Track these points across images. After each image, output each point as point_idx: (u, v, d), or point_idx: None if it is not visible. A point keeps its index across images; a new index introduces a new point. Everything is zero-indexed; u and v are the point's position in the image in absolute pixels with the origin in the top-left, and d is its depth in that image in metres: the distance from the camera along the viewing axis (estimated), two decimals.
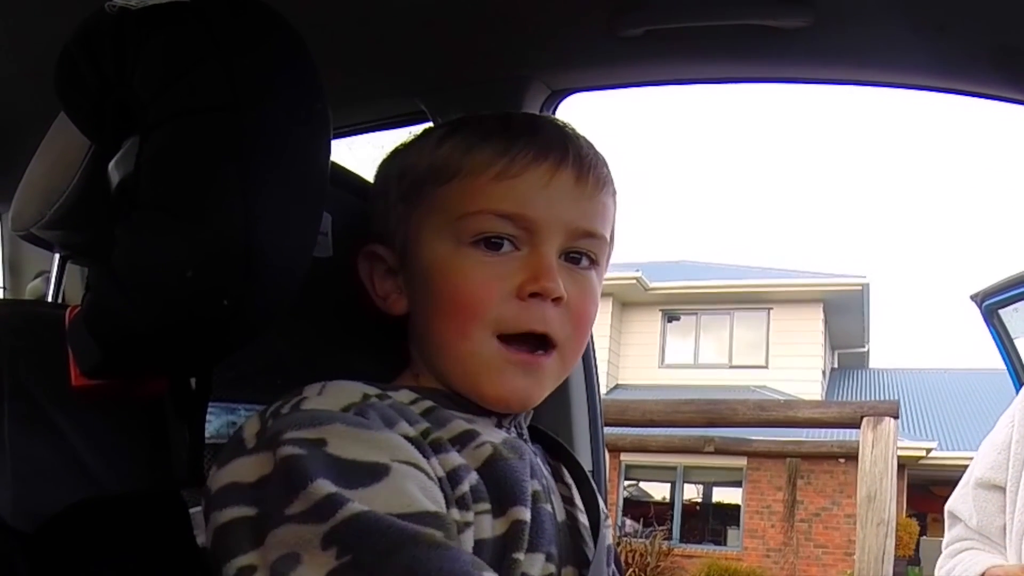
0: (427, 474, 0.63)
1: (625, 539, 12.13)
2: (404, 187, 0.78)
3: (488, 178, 0.74)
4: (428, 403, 0.72)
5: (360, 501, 0.58)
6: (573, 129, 0.80)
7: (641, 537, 12.63)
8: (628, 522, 13.44)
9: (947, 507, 1.63)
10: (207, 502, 0.64)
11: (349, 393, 0.67)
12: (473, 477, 0.67)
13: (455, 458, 0.67)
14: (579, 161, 0.76)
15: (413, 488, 0.61)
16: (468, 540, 0.64)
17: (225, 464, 0.64)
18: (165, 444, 0.76)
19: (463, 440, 0.70)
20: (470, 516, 0.65)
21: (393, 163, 0.81)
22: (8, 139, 1.26)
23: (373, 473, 0.60)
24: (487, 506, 0.67)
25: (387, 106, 1.05)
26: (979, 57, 1.05)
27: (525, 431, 0.80)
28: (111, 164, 0.72)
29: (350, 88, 1.19)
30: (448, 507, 0.64)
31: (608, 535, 0.80)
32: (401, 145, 0.82)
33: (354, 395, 0.67)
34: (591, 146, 0.79)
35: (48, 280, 1.34)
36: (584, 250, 0.78)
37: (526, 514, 0.68)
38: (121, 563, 0.71)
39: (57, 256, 1.25)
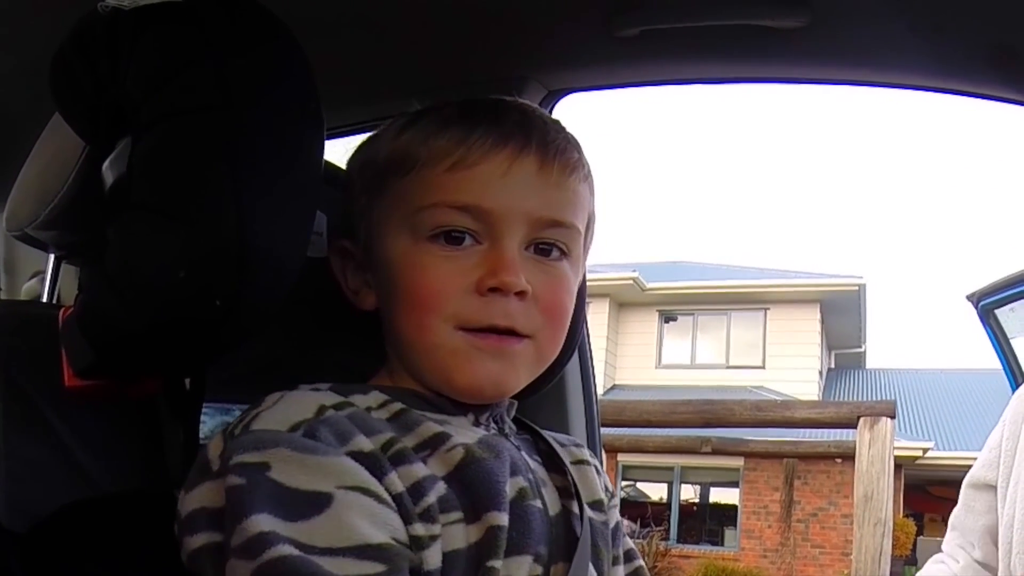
0: (377, 497, 0.61)
1: None
2: (366, 179, 0.76)
3: (443, 169, 0.71)
4: (398, 405, 0.70)
5: (299, 535, 0.58)
6: (541, 114, 0.77)
7: (638, 538, 12.62)
8: (625, 522, 13.35)
9: (950, 520, 1.64)
10: (178, 524, 0.65)
11: (303, 407, 0.65)
12: (440, 487, 0.65)
13: (419, 469, 0.65)
14: (543, 147, 0.73)
15: (356, 519, 0.59)
16: (435, 554, 0.63)
17: (192, 488, 0.64)
18: (159, 444, 0.76)
19: (433, 444, 0.68)
20: (437, 529, 0.64)
21: (358, 155, 0.79)
22: (3, 140, 1.26)
23: (315, 504, 0.59)
24: (459, 514, 0.65)
25: (383, 106, 1.05)
26: (976, 57, 1.05)
27: (508, 425, 0.77)
28: (105, 165, 0.72)
29: (346, 88, 1.18)
30: (410, 522, 0.62)
31: (610, 519, 0.80)
32: (360, 143, 0.80)
33: (308, 409, 0.64)
34: (560, 131, 0.76)
35: (43, 280, 1.34)
36: (552, 240, 0.74)
37: (502, 519, 0.66)
38: (115, 563, 0.71)
39: (52, 256, 1.25)
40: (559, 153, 0.74)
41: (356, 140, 0.81)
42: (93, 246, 0.71)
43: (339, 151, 0.84)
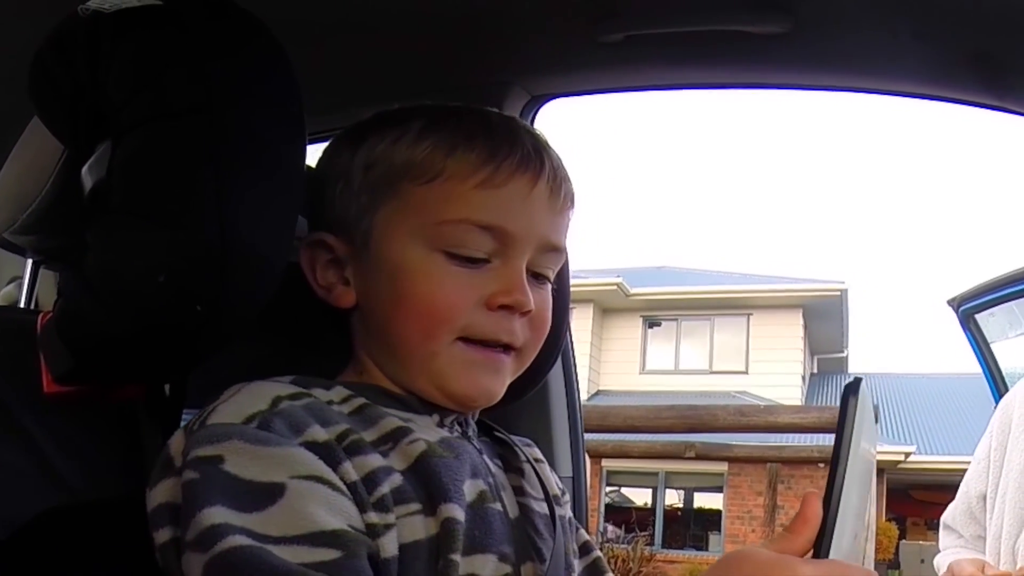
0: (331, 485, 0.62)
1: (607, 545, 12.12)
2: (372, 179, 0.74)
3: (471, 185, 0.72)
4: (360, 400, 0.71)
5: (253, 525, 0.59)
6: (545, 139, 0.79)
7: (623, 543, 12.62)
8: (610, 528, 13.43)
9: (942, 518, 1.66)
10: (149, 519, 0.65)
11: (259, 398, 0.65)
12: (396, 479, 0.66)
13: (374, 460, 0.66)
14: (554, 174, 0.76)
15: (311, 506, 0.60)
16: (390, 541, 0.64)
17: (155, 484, 0.65)
18: (139, 451, 0.75)
19: (394, 437, 0.69)
20: (391, 518, 0.64)
21: (356, 151, 0.76)
22: None
23: (269, 494, 0.60)
24: (417, 506, 0.66)
25: (365, 111, 1.04)
26: (955, 63, 1.06)
27: (472, 428, 0.78)
28: (84, 169, 0.72)
29: (329, 93, 1.18)
30: (364, 511, 0.63)
31: (565, 513, 0.81)
32: (357, 131, 0.78)
33: (263, 401, 0.65)
34: (560, 159, 0.78)
35: (21, 286, 1.33)
36: (549, 266, 0.77)
37: (458, 512, 0.67)
38: (95, 570, 0.70)
39: (30, 261, 1.24)
40: (564, 181, 0.77)
41: None
42: (72, 251, 0.71)
43: (320, 156, 0.83)
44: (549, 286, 0.79)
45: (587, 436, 1.37)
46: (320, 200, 0.77)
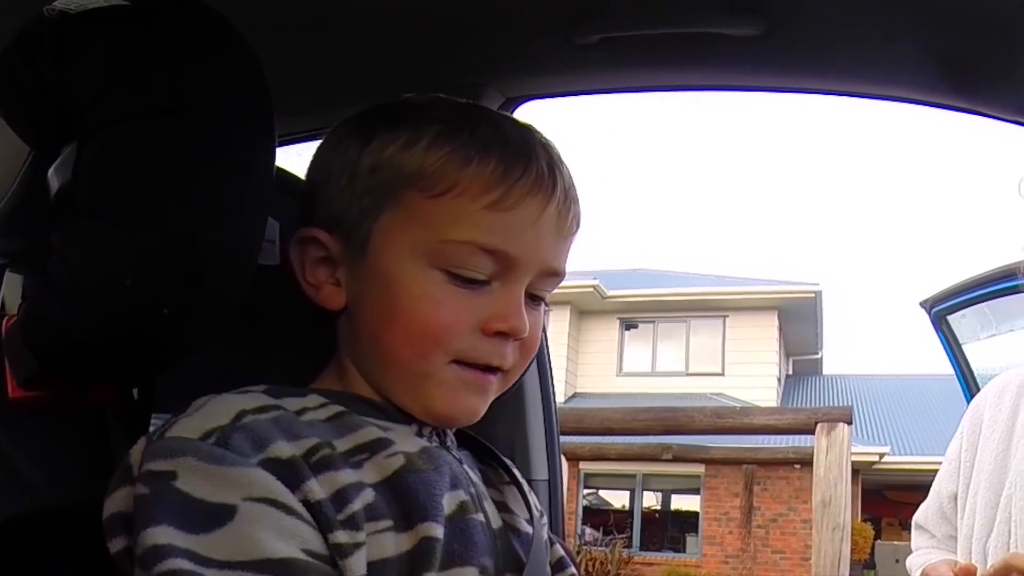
0: (286, 508, 0.60)
1: (585, 548, 12.15)
2: (377, 182, 0.71)
3: (481, 205, 0.69)
4: (337, 408, 0.69)
5: (197, 547, 0.57)
6: (559, 153, 0.75)
7: (601, 545, 12.66)
8: (588, 530, 13.46)
9: (914, 519, 1.67)
10: (104, 527, 0.64)
11: (222, 412, 0.63)
12: (368, 494, 0.64)
13: (345, 476, 0.63)
14: (564, 196, 0.73)
15: (260, 531, 0.58)
16: (358, 561, 0.62)
17: (112, 492, 0.64)
18: (108, 456, 0.74)
19: (372, 449, 0.67)
20: (361, 536, 0.62)
21: (364, 149, 0.72)
22: None
23: (218, 516, 0.58)
24: (388, 523, 0.64)
25: (337, 113, 1.03)
26: (926, 66, 1.07)
27: (450, 438, 0.76)
28: (50, 170, 0.71)
29: (300, 95, 1.17)
30: (331, 530, 0.61)
31: (542, 535, 0.79)
32: (363, 125, 0.74)
33: (226, 415, 0.63)
34: (571, 177, 0.75)
35: None
36: (547, 289, 0.75)
37: (436, 530, 0.65)
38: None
39: None
40: (573, 203, 0.74)
41: (311, 147, 0.79)
42: (38, 253, 0.69)
43: (291, 157, 0.82)
44: (543, 307, 0.77)
45: (564, 439, 1.37)
46: (317, 194, 0.74)
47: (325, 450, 0.64)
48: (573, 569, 0.85)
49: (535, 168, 0.71)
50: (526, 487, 0.82)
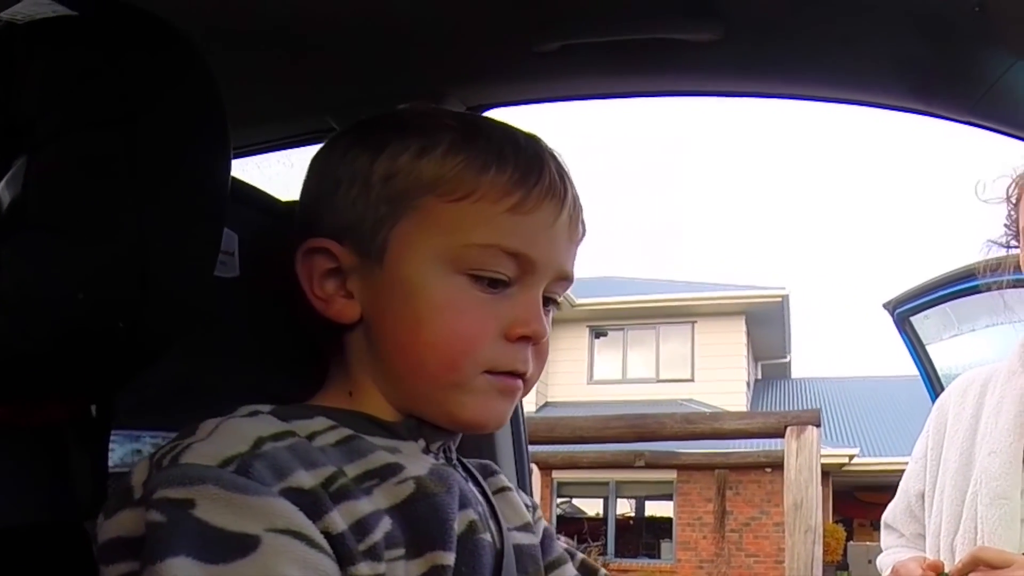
0: (309, 542, 0.58)
1: None
2: (392, 190, 0.69)
3: (503, 209, 0.69)
4: (345, 431, 0.67)
5: None
6: (565, 163, 0.76)
7: None
8: (562, 539, 13.46)
9: (883, 518, 1.68)
10: (98, 551, 0.62)
11: (239, 438, 0.61)
12: (386, 523, 0.63)
13: (364, 506, 0.62)
14: (574, 203, 0.74)
15: (284, 565, 0.56)
16: None
17: (111, 515, 0.61)
18: (66, 474, 0.72)
19: (382, 474, 0.65)
20: (382, 568, 0.61)
21: (377, 158, 0.71)
22: None
23: (240, 547, 0.56)
24: (400, 551, 0.63)
25: (297, 124, 1.03)
26: (881, 69, 1.08)
27: (454, 453, 0.76)
28: (1, 184, 0.69)
29: (259, 106, 1.16)
30: (353, 562, 0.59)
31: (539, 532, 0.80)
32: (371, 133, 0.73)
33: (244, 441, 0.60)
34: (576, 185, 0.76)
35: None
36: (559, 293, 0.76)
37: (447, 558, 0.64)
38: None
39: None
40: (581, 210, 0.76)
41: (267, 159, 0.78)
42: None
43: (250, 169, 0.81)
44: (552, 313, 0.77)
45: (537, 448, 1.37)
46: (323, 204, 0.72)
47: (341, 479, 0.63)
48: (582, 555, 0.87)
49: (548, 174, 0.72)
50: (514, 487, 0.82)
